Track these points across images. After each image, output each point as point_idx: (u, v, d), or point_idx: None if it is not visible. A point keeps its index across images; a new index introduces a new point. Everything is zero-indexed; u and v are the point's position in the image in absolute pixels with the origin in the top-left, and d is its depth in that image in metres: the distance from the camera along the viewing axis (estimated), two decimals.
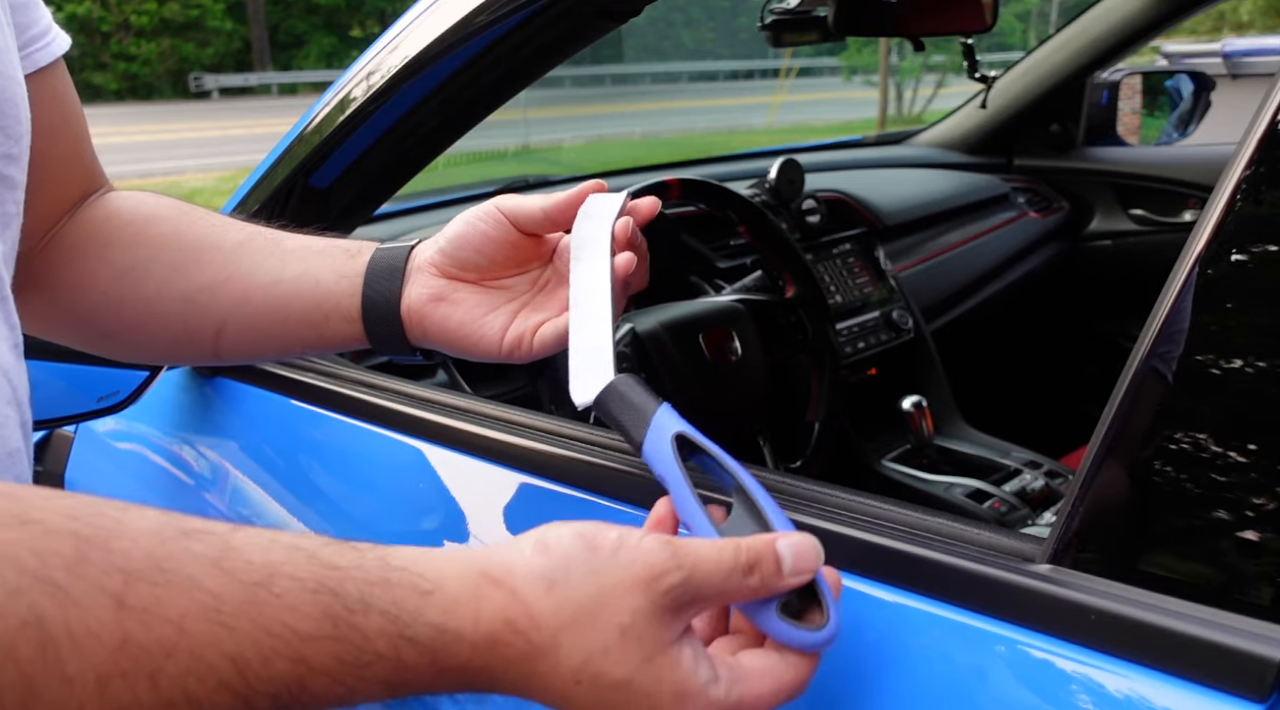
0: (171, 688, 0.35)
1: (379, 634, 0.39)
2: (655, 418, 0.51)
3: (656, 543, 0.43)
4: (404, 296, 0.65)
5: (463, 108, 0.92)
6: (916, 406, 1.52)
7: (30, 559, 0.33)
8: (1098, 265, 2.13)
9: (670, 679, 0.42)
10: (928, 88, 12.13)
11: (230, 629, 0.36)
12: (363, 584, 0.40)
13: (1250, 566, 0.43)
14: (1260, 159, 0.44)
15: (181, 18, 22.03)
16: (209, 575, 0.37)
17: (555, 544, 0.43)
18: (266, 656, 0.37)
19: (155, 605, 0.35)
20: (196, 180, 8.59)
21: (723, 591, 0.44)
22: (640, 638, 0.42)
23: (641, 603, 0.42)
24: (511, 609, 0.41)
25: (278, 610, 0.37)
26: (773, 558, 0.45)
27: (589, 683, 0.41)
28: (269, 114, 15.18)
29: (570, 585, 0.42)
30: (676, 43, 23.75)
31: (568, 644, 0.41)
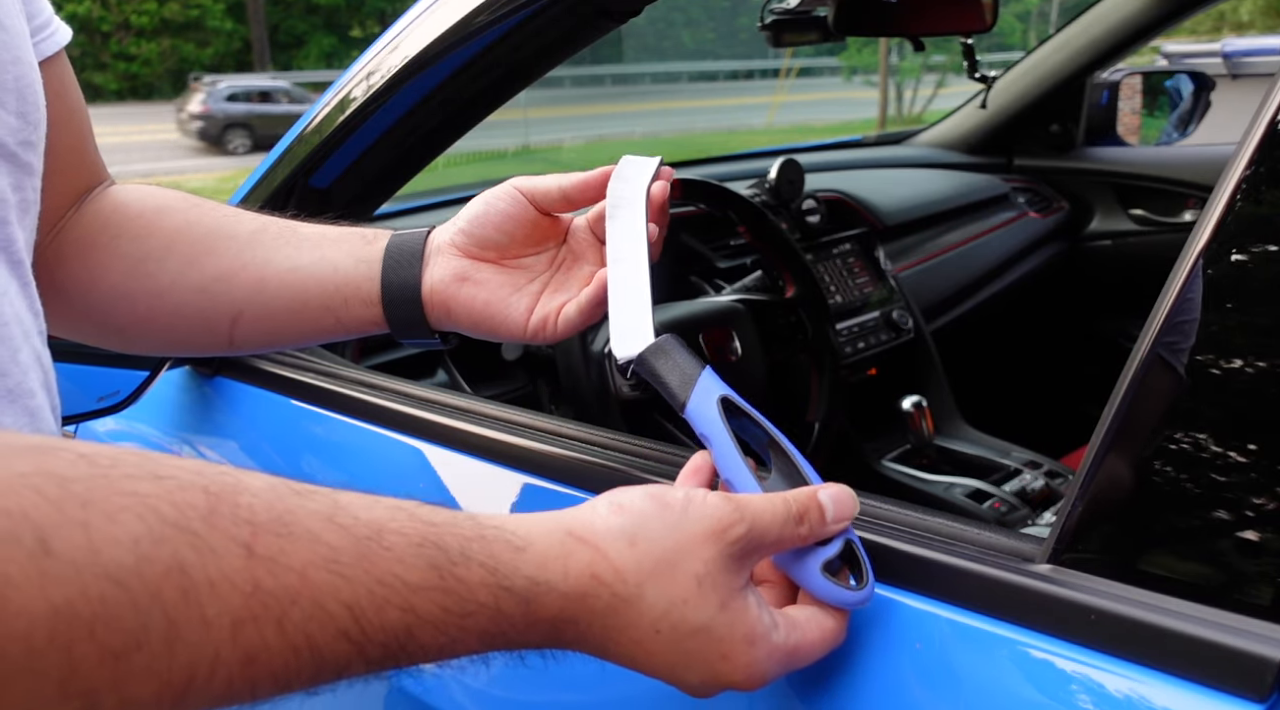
0: (296, 633, 0.36)
1: (480, 584, 0.41)
2: (701, 380, 0.54)
3: (720, 498, 0.47)
4: (425, 278, 0.65)
5: (463, 108, 0.92)
6: (916, 406, 1.52)
7: (170, 510, 0.35)
8: (1098, 265, 2.13)
9: (742, 623, 0.45)
10: (928, 88, 12.13)
11: (347, 579, 0.38)
12: (462, 539, 0.42)
13: (1250, 566, 0.43)
14: (1260, 159, 0.44)
15: (181, 18, 22.04)
16: (325, 529, 0.39)
17: (629, 503, 0.46)
18: (380, 605, 0.38)
19: (280, 555, 0.37)
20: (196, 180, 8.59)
21: (780, 539, 0.48)
22: (715, 585, 0.45)
23: (713, 553, 0.45)
24: (598, 563, 0.44)
25: (388, 562, 0.39)
26: (817, 507, 0.49)
27: (669, 630, 0.45)
28: None
29: (649, 540, 0.45)
30: (676, 43, 23.75)
31: (651, 594, 0.44)
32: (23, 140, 0.54)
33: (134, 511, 0.34)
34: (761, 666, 0.46)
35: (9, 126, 0.52)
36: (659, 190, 0.63)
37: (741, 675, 0.46)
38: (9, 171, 0.53)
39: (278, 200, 0.95)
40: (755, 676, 0.46)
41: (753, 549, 0.47)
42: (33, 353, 0.53)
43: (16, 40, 0.53)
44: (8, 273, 0.53)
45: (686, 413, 0.54)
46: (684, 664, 0.45)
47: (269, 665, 0.36)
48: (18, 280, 0.54)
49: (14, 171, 0.53)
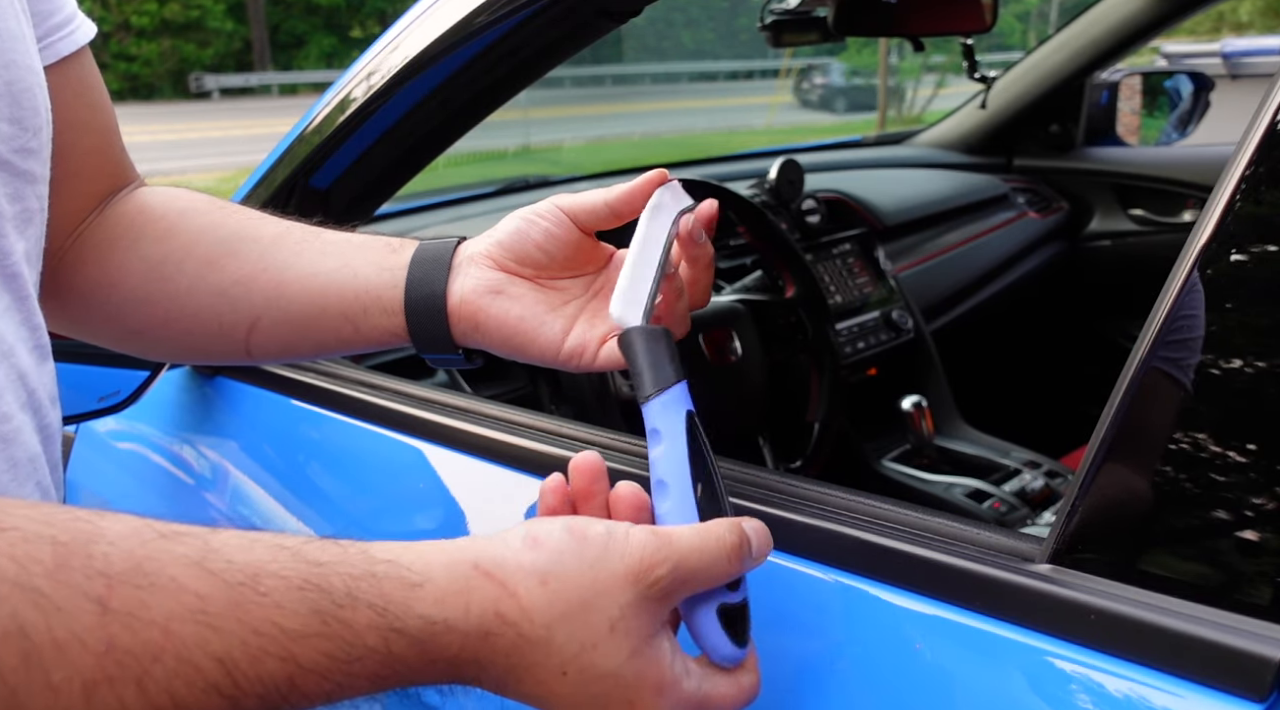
0: (159, 692, 0.34)
1: (368, 628, 0.39)
2: (677, 387, 0.53)
3: (645, 535, 0.44)
4: (452, 289, 0.61)
5: (463, 108, 0.92)
6: (916, 406, 1.52)
7: (9, 566, 0.32)
8: (1097, 265, 2.13)
9: (652, 671, 0.43)
10: (928, 88, 12.13)
11: (217, 630, 0.36)
12: (349, 579, 0.39)
13: (1250, 566, 0.43)
14: (1260, 159, 0.44)
15: (182, 18, 22.03)
16: (193, 576, 0.36)
17: (546, 538, 0.44)
18: (255, 656, 0.36)
19: (140, 608, 0.34)
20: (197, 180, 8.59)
21: (705, 580, 0.45)
22: (628, 631, 0.43)
23: (631, 597, 0.43)
24: (503, 602, 0.42)
25: (265, 609, 0.37)
26: (745, 543, 0.47)
27: (576, 674, 0.42)
28: (269, 114, 15.18)
29: (563, 579, 0.42)
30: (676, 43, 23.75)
31: (560, 636, 0.42)
32: (19, 147, 0.52)
33: None
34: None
35: (0, 134, 0.50)
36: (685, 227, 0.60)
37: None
38: (4, 180, 0.51)
39: (278, 200, 0.95)
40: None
41: (675, 588, 0.44)
42: (12, 372, 0.51)
43: (9, 44, 0.51)
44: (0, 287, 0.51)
45: (649, 404, 0.52)
46: (589, 708, 0.43)
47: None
48: (11, 294, 0.52)
49: (10, 180, 0.51)
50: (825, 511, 0.57)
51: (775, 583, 0.56)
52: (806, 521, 0.56)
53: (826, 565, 0.55)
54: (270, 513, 0.90)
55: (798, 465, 1.25)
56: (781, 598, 0.56)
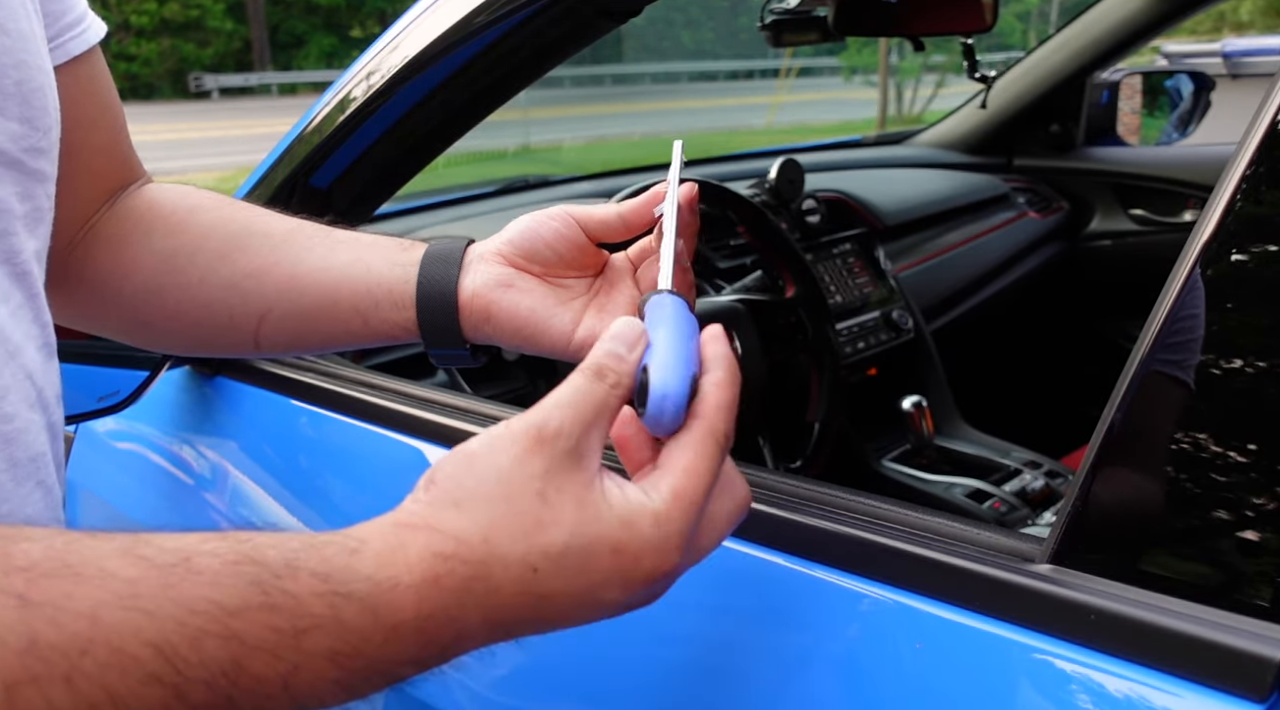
0: (91, 687, 0.32)
1: (312, 595, 0.37)
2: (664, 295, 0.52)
3: (518, 416, 0.43)
4: (463, 284, 0.63)
5: (463, 108, 0.92)
6: (916, 406, 1.52)
7: None
8: (1098, 265, 2.13)
9: (607, 512, 0.41)
10: (928, 88, 12.13)
11: (149, 614, 0.34)
12: (285, 551, 0.38)
13: (1250, 566, 0.43)
14: (1260, 159, 0.44)
15: (181, 18, 22.03)
16: (121, 564, 0.34)
17: (438, 472, 0.43)
18: (194, 638, 0.34)
19: (64, 599, 0.32)
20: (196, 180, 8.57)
21: (603, 407, 0.43)
22: (560, 489, 0.41)
23: (543, 461, 0.41)
24: (434, 541, 0.40)
25: (199, 586, 0.35)
26: (607, 354, 0.44)
27: (543, 561, 0.40)
28: (269, 114, 15.18)
29: (471, 493, 0.41)
30: (676, 43, 23.75)
31: (502, 541, 0.40)
32: (29, 147, 0.52)
33: None
34: (656, 537, 0.41)
35: (11, 133, 0.51)
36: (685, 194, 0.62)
37: (649, 558, 0.41)
38: (15, 180, 0.51)
39: (278, 200, 0.95)
40: (661, 549, 0.41)
41: (583, 432, 0.42)
42: (19, 370, 0.51)
43: (21, 44, 0.51)
44: (9, 284, 0.51)
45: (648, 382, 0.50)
46: (584, 585, 0.40)
47: None
48: (22, 292, 0.52)
49: (21, 179, 0.52)
50: (825, 511, 0.57)
51: (775, 583, 0.56)
52: (806, 521, 0.56)
53: (826, 565, 0.55)
54: (270, 513, 0.90)
55: (798, 465, 1.25)
56: (781, 598, 0.56)
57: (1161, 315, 0.45)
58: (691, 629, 0.59)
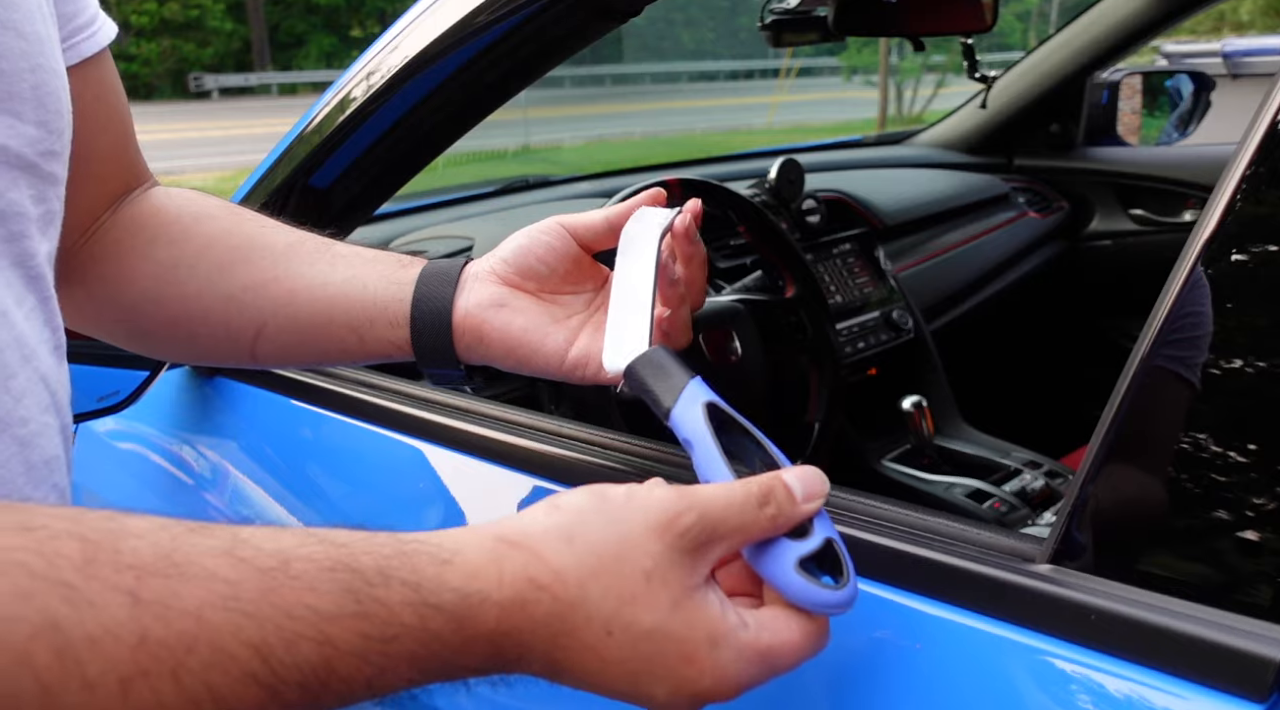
0: (195, 684, 0.33)
1: (403, 604, 0.38)
2: (689, 386, 0.52)
3: (666, 489, 0.44)
4: (458, 305, 0.63)
5: (463, 108, 0.92)
6: (916, 406, 1.52)
7: (38, 562, 0.32)
8: (1098, 265, 2.13)
9: (702, 622, 0.42)
10: (928, 88, 12.13)
11: (250, 616, 0.35)
12: (379, 558, 0.39)
13: (1250, 566, 0.43)
14: (1260, 159, 0.44)
15: (181, 18, 22.04)
16: (222, 565, 0.35)
17: (566, 502, 0.43)
18: (290, 641, 0.35)
19: (171, 598, 0.34)
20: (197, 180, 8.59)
21: (740, 527, 0.44)
22: (665, 581, 0.41)
23: (660, 547, 0.42)
24: (533, 566, 0.41)
25: (297, 592, 0.36)
26: (783, 487, 0.45)
27: (621, 632, 0.41)
28: (269, 114, 15.19)
29: (589, 537, 0.42)
30: (676, 43, 23.75)
31: (595, 593, 0.41)
32: (44, 150, 0.52)
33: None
34: (731, 669, 0.42)
35: (28, 137, 0.51)
36: (681, 223, 0.61)
37: (710, 679, 0.42)
38: (30, 183, 0.51)
39: (278, 200, 0.95)
40: (726, 680, 0.42)
41: (706, 540, 0.43)
42: (34, 375, 0.51)
43: (37, 47, 0.51)
44: (23, 288, 0.52)
45: (671, 419, 0.52)
46: (645, 671, 0.41)
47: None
48: (35, 295, 0.53)
49: (36, 182, 0.52)
50: (825, 511, 0.57)
51: None
52: None
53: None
54: (270, 513, 0.90)
55: None
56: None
57: (1161, 316, 0.45)
58: None
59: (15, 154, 0.50)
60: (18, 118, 0.50)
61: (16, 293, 0.51)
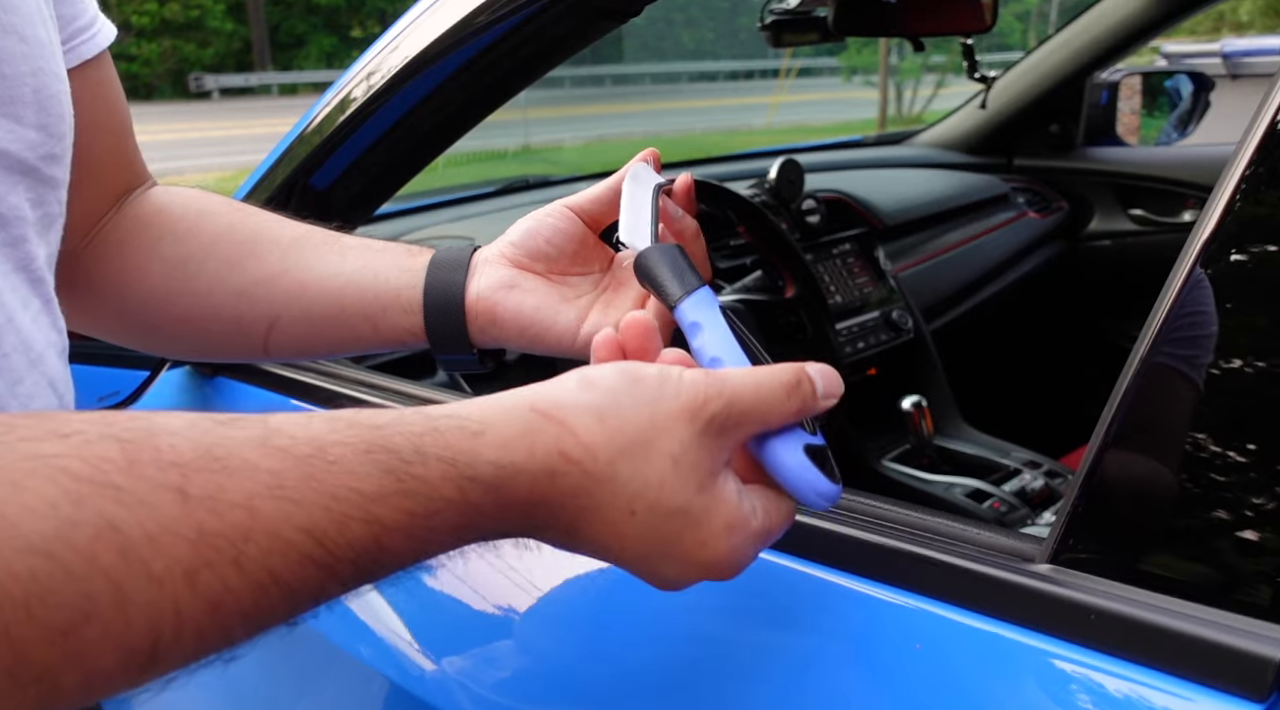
0: (257, 570, 0.34)
1: (442, 479, 0.39)
2: (703, 289, 0.53)
3: (698, 374, 0.44)
4: (469, 288, 0.64)
5: (463, 107, 0.92)
6: (916, 406, 1.52)
7: (82, 467, 0.32)
8: (1098, 265, 2.13)
9: (722, 509, 0.43)
10: (928, 88, 12.13)
11: (298, 503, 0.36)
12: (412, 437, 0.39)
13: (1250, 566, 0.43)
14: (1260, 159, 0.44)
15: (182, 18, 22.04)
16: (261, 455, 0.36)
17: (600, 379, 0.44)
18: (339, 522, 0.36)
19: (219, 492, 0.34)
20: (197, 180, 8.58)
21: (765, 415, 0.44)
22: (693, 465, 0.42)
23: (689, 432, 0.42)
24: (564, 440, 0.41)
25: (338, 476, 0.37)
26: (808, 379, 0.46)
27: (644, 511, 0.42)
28: (269, 114, 15.19)
29: (620, 416, 0.42)
30: (676, 43, 23.75)
31: (624, 472, 0.42)
32: (45, 154, 0.52)
33: (42, 474, 0.31)
34: (740, 553, 0.44)
35: (28, 141, 0.51)
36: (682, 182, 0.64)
37: (725, 563, 0.43)
38: (29, 186, 0.52)
39: (278, 200, 0.95)
40: (735, 564, 0.44)
41: (733, 425, 0.44)
42: (41, 378, 0.52)
43: (38, 51, 0.51)
44: (28, 291, 0.52)
45: (680, 305, 0.52)
46: (659, 552, 0.43)
47: (237, 607, 0.34)
48: (39, 298, 0.53)
49: (35, 186, 0.52)
50: (825, 511, 0.57)
51: (775, 582, 0.56)
52: (807, 521, 0.56)
53: (826, 565, 0.55)
54: None
55: None
56: (781, 597, 0.56)
57: (1161, 316, 0.45)
58: (691, 629, 0.59)
59: (15, 158, 0.50)
60: (18, 122, 0.50)
61: (22, 296, 0.51)
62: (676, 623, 0.59)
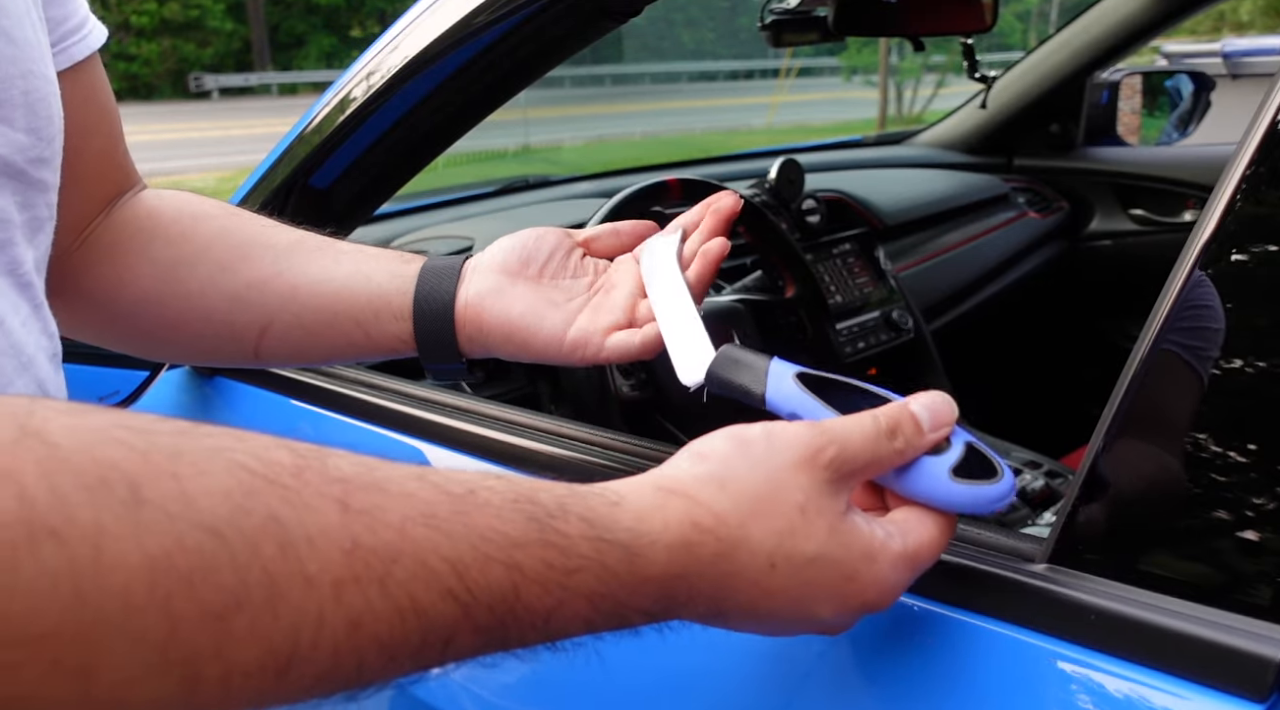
0: (400, 593, 0.35)
1: (581, 537, 0.40)
2: (772, 367, 0.53)
3: (802, 426, 0.45)
4: (459, 297, 0.64)
5: (463, 108, 0.92)
6: None
7: (257, 464, 0.33)
8: (1098, 265, 2.13)
9: (856, 543, 0.44)
10: (928, 88, 12.13)
11: (447, 534, 0.36)
12: (556, 495, 0.41)
13: (1250, 566, 0.43)
14: (1260, 159, 0.44)
15: (181, 18, 22.04)
16: (418, 487, 0.37)
17: (710, 450, 0.45)
18: (483, 562, 0.37)
19: (377, 511, 0.35)
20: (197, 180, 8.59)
21: (874, 458, 0.45)
22: (820, 511, 0.44)
23: (808, 480, 0.44)
24: (695, 511, 0.42)
25: (486, 516, 0.38)
26: (910, 417, 0.47)
27: (784, 563, 0.43)
28: (269, 114, 15.19)
29: (740, 480, 0.43)
30: (676, 43, 23.75)
31: (757, 532, 0.43)
32: (34, 157, 0.52)
33: (222, 464, 0.32)
34: (890, 578, 0.44)
35: (17, 144, 0.51)
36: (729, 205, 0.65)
37: (874, 592, 0.44)
38: (16, 190, 0.51)
39: (278, 200, 0.95)
40: (886, 590, 0.45)
41: (848, 472, 0.45)
42: (32, 382, 0.51)
43: (27, 53, 0.51)
44: (16, 295, 0.51)
45: (768, 403, 0.53)
46: (810, 596, 0.44)
47: (374, 630, 0.34)
48: (28, 303, 0.52)
49: (23, 189, 0.52)
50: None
51: None
52: None
53: None
54: None
55: None
56: None
57: (1161, 316, 0.45)
58: (690, 631, 0.59)
59: (4, 161, 0.50)
60: (9, 124, 0.50)
61: (10, 301, 0.51)
62: (675, 625, 0.59)
